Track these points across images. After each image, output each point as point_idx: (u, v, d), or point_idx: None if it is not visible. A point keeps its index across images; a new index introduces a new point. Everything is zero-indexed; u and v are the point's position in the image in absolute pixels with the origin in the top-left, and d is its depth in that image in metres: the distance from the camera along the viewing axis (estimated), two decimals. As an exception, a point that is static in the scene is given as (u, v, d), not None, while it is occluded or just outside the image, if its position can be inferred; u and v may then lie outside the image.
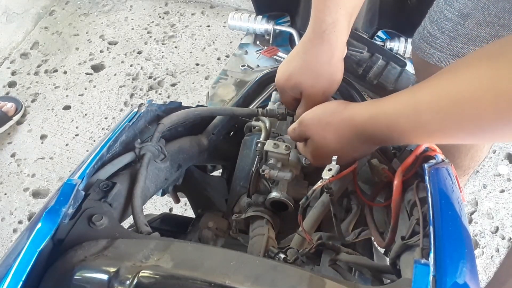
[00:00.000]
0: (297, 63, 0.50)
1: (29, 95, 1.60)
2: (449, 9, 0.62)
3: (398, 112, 0.36)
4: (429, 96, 0.33)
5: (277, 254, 0.42)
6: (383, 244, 0.40)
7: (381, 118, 0.37)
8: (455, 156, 0.82)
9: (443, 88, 0.32)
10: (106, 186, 0.40)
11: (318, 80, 0.49)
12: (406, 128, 0.36)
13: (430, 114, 0.33)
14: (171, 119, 0.52)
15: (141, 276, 0.29)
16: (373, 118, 0.38)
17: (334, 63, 0.49)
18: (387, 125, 0.37)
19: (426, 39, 0.68)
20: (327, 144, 0.43)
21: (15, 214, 1.28)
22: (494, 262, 1.14)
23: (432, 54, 0.68)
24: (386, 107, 0.37)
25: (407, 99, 0.36)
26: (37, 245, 0.32)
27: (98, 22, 1.83)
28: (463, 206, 0.40)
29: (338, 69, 0.50)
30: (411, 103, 0.35)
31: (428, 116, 0.33)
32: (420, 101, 0.34)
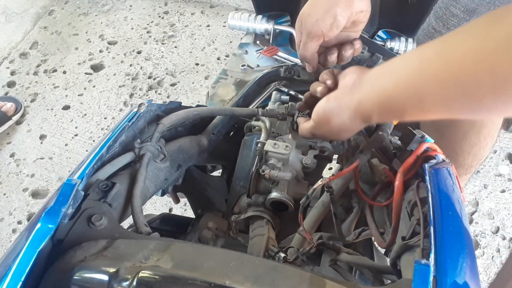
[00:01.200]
0: None
1: (28, 95, 1.60)
2: (455, 5, 0.62)
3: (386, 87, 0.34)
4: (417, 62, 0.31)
5: (277, 254, 0.42)
6: (384, 244, 0.40)
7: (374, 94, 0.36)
8: (458, 154, 0.82)
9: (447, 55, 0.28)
10: (106, 186, 0.40)
11: (314, 7, 0.47)
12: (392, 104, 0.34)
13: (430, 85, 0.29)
14: (170, 119, 0.52)
15: (140, 276, 0.29)
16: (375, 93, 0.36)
17: None
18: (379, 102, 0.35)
19: (431, 35, 0.68)
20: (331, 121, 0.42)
21: (14, 215, 1.28)
22: (495, 262, 1.14)
23: None
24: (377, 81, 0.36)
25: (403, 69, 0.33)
26: (37, 246, 0.32)
27: (97, 21, 1.83)
28: (464, 206, 0.40)
29: (336, 2, 0.47)
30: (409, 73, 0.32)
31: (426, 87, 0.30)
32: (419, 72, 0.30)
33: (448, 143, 0.80)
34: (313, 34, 0.47)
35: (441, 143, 0.84)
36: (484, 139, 0.79)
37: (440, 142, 0.85)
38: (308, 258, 0.42)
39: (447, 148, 0.81)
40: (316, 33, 0.47)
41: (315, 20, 0.47)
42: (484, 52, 0.26)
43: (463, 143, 0.79)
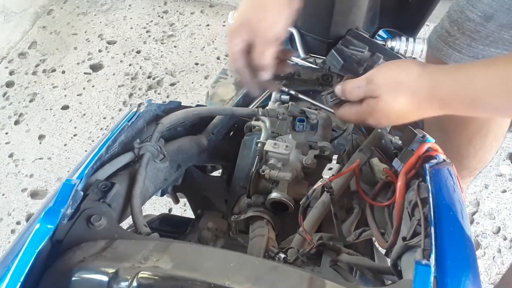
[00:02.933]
0: (247, 2, 0.47)
1: (27, 95, 1.59)
2: (472, 9, 0.60)
3: (492, 81, 0.35)
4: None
5: (277, 254, 0.42)
6: (385, 245, 0.40)
7: (467, 85, 0.36)
8: (463, 157, 0.81)
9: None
10: (105, 186, 0.39)
11: (264, 12, 0.46)
12: (496, 98, 0.35)
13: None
14: (170, 119, 0.51)
15: (140, 277, 0.29)
16: (457, 84, 0.37)
17: (281, 2, 0.46)
18: (474, 93, 0.36)
19: (444, 39, 0.66)
20: (396, 105, 0.41)
21: (13, 215, 1.27)
22: (496, 262, 1.14)
23: (450, 54, 0.66)
24: (475, 74, 0.36)
25: (504, 69, 0.34)
26: (36, 246, 0.31)
27: (96, 21, 1.82)
28: (465, 206, 0.40)
29: (283, 10, 0.46)
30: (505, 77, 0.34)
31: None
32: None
33: (454, 146, 0.80)
34: (271, 39, 0.46)
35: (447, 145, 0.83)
36: (490, 143, 0.79)
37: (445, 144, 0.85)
38: (308, 258, 0.42)
39: (452, 151, 0.80)
40: (272, 38, 0.46)
41: (269, 26, 0.45)
42: None
43: (469, 146, 0.79)
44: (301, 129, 0.58)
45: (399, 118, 0.42)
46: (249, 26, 0.46)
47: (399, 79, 0.41)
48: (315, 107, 0.65)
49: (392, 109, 0.41)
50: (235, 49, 0.47)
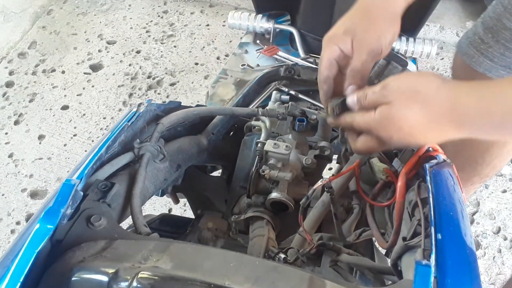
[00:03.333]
0: (353, 13, 0.45)
1: (27, 95, 1.59)
2: (509, 18, 0.58)
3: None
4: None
5: (277, 254, 0.42)
6: (385, 245, 0.40)
7: (497, 104, 0.33)
8: (478, 164, 0.81)
9: None
10: (105, 186, 0.39)
11: (372, 23, 0.43)
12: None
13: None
14: (170, 119, 0.51)
15: (140, 277, 0.29)
16: (485, 102, 0.34)
17: (390, 11, 0.44)
18: (503, 113, 0.33)
19: (477, 46, 0.64)
20: (409, 115, 0.36)
21: (12, 215, 1.27)
22: (496, 263, 1.14)
23: (481, 62, 0.64)
24: (506, 93, 0.33)
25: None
26: (35, 246, 0.31)
27: (96, 21, 1.82)
28: (465, 206, 0.40)
29: (395, 19, 0.44)
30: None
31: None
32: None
33: (471, 152, 0.79)
34: (375, 51, 0.43)
35: (463, 151, 0.82)
36: (507, 152, 0.79)
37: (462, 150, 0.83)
38: (308, 258, 0.42)
39: (468, 157, 0.80)
40: (377, 51, 0.43)
41: (376, 37, 0.43)
42: None
43: (485, 154, 0.78)
44: (301, 129, 0.58)
45: (412, 133, 0.37)
46: (353, 35, 0.43)
47: (416, 87, 0.37)
48: (315, 107, 0.65)
49: (404, 119, 0.37)
50: (333, 55, 0.44)
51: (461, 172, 0.84)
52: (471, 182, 0.88)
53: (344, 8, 0.78)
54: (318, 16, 0.81)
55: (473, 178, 0.86)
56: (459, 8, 1.74)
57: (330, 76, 0.45)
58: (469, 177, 0.85)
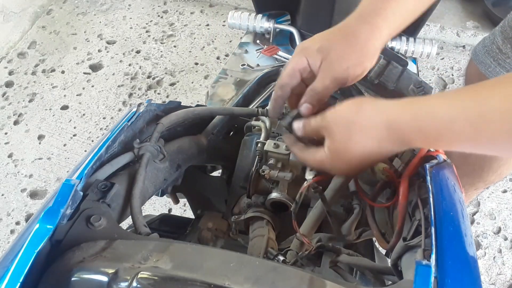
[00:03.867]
0: (332, 30, 0.45)
1: (27, 95, 1.59)
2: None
3: (457, 117, 0.32)
4: (500, 102, 0.29)
5: (276, 256, 0.42)
6: (386, 246, 0.40)
7: (429, 121, 0.33)
8: (483, 171, 0.81)
9: None
10: (105, 186, 0.39)
11: (348, 51, 0.43)
12: (460, 135, 0.32)
13: (498, 123, 0.29)
14: (170, 119, 0.51)
15: (140, 277, 0.29)
16: (418, 120, 0.34)
17: (370, 44, 0.43)
18: (437, 129, 0.33)
19: (494, 56, 0.63)
20: (351, 146, 0.38)
21: (12, 215, 1.27)
22: (497, 263, 1.14)
23: (497, 72, 0.64)
24: (437, 110, 0.33)
25: (471, 105, 0.31)
26: (35, 246, 0.31)
27: (96, 21, 1.82)
28: (465, 206, 0.40)
29: (372, 55, 0.44)
30: (477, 109, 0.31)
31: (496, 125, 0.30)
32: (490, 109, 0.30)
33: (477, 159, 0.79)
34: (340, 80, 0.43)
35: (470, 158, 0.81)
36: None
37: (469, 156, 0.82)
38: (308, 259, 0.42)
39: (475, 163, 0.80)
40: (342, 80, 0.43)
41: (346, 67, 0.42)
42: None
43: (492, 161, 0.78)
44: (301, 129, 0.57)
45: (362, 161, 0.38)
46: (325, 55, 0.43)
47: (350, 118, 0.38)
48: (315, 107, 0.65)
49: (351, 150, 0.38)
50: (298, 66, 0.44)
51: (466, 177, 0.83)
52: (476, 187, 0.87)
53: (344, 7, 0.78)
54: (318, 16, 0.81)
55: (477, 184, 0.86)
56: (459, 8, 1.74)
57: (288, 84, 0.45)
58: (474, 182, 0.85)
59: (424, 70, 1.60)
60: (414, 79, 0.71)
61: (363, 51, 0.43)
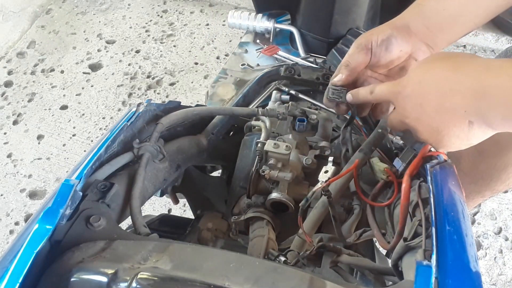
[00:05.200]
0: (393, 25, 0.46)
1: (26, 95, 1.59)
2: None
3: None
4: None
5: (277, 257, 0.42)
6: (387, 246, 0.40)
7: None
8: (492, 180, 0.80)
9: None
10: (104, 186, 0.39)
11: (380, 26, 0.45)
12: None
13: None
14: (170, 119, 0.51)
15: (139, 278, 0.29)
16: None
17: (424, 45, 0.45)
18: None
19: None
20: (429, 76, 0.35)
21: (11, 215, 1.27)
22: (497, 263, 1.14)
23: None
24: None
25: None
26: (34, 247, 0.31)
27: (95, 20, 1.82)
28: (466, 206, 0.40)
29: (406, 32, 0.45)
30: None
31: None
32: None
33: (487, 169, 0.79)
34: (362, 45, 0.44)
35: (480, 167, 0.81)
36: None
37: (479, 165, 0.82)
38: (308, 260, 0.42)
39: (484, 173, 0.80)
40: (366, 45, 0.44)
41: (370, 33, 0.45)
42: None
43: (502, 172, 0.78)
44: (302, 129, 0.57)
45: (439, 108, 0.34)
46: (391, 32, 0.45)
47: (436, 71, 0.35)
48: (315, 107, 0.65)
49: (426, 83, 0.34)
50: (362, 57, 0.45)
51: (474, 184, 0.83)
52: (482, 195, 0.87)
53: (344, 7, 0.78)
54: (318, 16, 0.81)
55: (484, 192, 0.85)
56: (459, 8, 1.74)
57: (359, 63, 0.46)
58: (481, 190, 0.85)
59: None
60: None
61: (392, 24, 0.45)
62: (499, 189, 0.83)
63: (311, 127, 0.58)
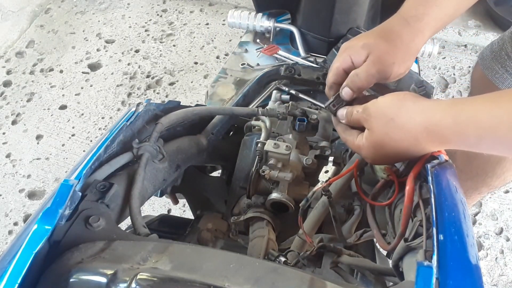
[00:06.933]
0: (374, 31, 0.47)
1: (25, 95, 1.58)
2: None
3: (500, 123, 0.32)
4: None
5: (278, 258, 0.42)
6: (387, 247, 0.39)
7: (471, 126, 0.34)
8: (488, 176, 0.81)
9: None
10: (103, 187, 0.39)
11: (393, 49, 0.45)
12: (502, 140, 0.33)
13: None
14: (169, 119, 0.51)
15: (139, 278, 0.29)
16: (459, 124, 0.35)
17: (413, 45, 0.46)
18: (478, 135, 0.34)
19: (503, 62, 0.63)
20: (388, 142, 0.39)
21: (10, 216, 1.26)
22: (498, 264, 1.14)
23: (504, 79, 0.63)
24: (479, 115, 0.34)
25: None
26: (33, 247, 0.31)
27: (94, 20, 1.82)
28: (467, 207, 0.40)
29: (414, 55, 0.47)
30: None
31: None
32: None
33: (481, 164, 0.79)
34: (384, 73, 0.45)
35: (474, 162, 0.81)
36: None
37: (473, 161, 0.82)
38: (309, 260, 0.42)
39: (479, 168, 0.80)
40: (386, 74, 0.45)
41: (392, 62, 0.45)
42: None
43: (496, 166, 0.78)
44: (302, 129, 0.57)
45: (397, 156, 0.40)
46: (371, 51, 0.45)
47: (389, 115, 0.39)
48: (315, 106, 0.65)
49: (387, 145, 0.39)
50: (343, 64, 0.46)
51: (470, 181, 0.83)
52: (479, 191, 0.87)
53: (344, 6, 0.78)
54: (318, 15, 0.81)
55: (481, 188, 0.85)
56: (459, 8, 1.74)
57: (336, 84, 0.48)
58: (477, 186, 0.85)
59: (426, 70, 1.60)
60: (416, 78, 0.71)
61: (407, 51, 0.46)
62: (495, 184, 0.83)
63: (311, 127, 0.58)
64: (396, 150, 0.39)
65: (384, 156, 0.40)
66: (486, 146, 0.35)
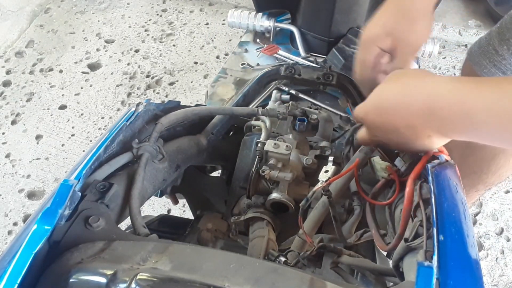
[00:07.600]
0: (391, 12, 0.47)
1: (24, 95, 1.58)
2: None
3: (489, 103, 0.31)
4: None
5: (278, 258, 0.42)
6: (385, 247, 0.39)
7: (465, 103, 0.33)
8: (483, 172, 0.81)
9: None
10: (103, 187, 0.39)
11: (413, 23, 0.45)
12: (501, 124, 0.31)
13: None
14: (169, 119, 0.51)
15: (138, 279, 0.28)
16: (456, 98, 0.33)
17: (427, 7, 0.46)
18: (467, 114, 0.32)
19: (490, 57, 0.63)
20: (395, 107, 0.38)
21: (10, 216, 1.26)
22: (499, 264, 1.14)
23: (493, 73, 0.63)
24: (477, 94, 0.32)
25: None
26: (33, 247, 0.31)
27: (94, 20, 1.81)
28: (467, 207, 0.40)
29: (431, 15, 0.47)
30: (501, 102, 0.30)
31: None
32: None
33: (476, 160, 0.79)
34: (415, 51, 0.46)
35: (469, 159, 0.81)
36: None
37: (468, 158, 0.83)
38: (309, 260, 0.42)
39: (474, 165, 0.80)
40: (417, 51, 0.46)
41: (418, 38, 0.46)
42: None
43: (491, 162, 0.78)
44: (302, 129, 0.57)
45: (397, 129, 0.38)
46: (395, 36, 0.46)
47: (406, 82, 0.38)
48: (316, 106, 0.65)
49: (391, 110, 0.38)
50: (373, 55, 0.47)
51: (466, 178, 0.83)
52: (476, 189, 0.87)
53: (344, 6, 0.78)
54: (318, 15, 0.81)
55: (478, 185, 0.85)
56: (461, 7, 1.74)
57: (373, 72, 0.48)
58: (474, 184, 0.85)
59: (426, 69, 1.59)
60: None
61: (424, 18, 0.46)
62: (491, 181, 0.83)
63: (311, 127, 0.58)
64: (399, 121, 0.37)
65: (384, 123, 0.39)
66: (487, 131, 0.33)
